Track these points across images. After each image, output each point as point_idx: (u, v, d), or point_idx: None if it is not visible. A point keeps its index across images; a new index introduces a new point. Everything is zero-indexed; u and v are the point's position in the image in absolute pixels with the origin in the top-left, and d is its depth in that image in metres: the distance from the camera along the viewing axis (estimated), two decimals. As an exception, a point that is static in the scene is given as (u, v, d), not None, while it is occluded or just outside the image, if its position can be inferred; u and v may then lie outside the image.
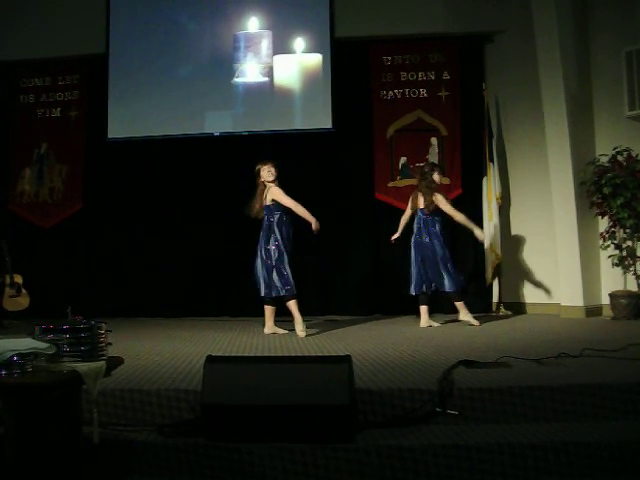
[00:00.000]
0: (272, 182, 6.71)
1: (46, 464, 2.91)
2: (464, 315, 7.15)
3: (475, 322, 7.05)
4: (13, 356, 2.84)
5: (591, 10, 7.96)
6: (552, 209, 7.89)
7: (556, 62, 7.73)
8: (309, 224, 6.73)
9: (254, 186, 8.48)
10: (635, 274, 7.55)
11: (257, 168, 6.78)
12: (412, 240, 7.13)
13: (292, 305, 6.60)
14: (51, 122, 9.11)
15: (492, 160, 8.26)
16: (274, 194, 6.66)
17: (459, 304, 7.16)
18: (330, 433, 3.42)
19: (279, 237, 6.60)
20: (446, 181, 8.19)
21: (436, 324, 7.08)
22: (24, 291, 7.97)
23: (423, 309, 7.09)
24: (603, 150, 7.71)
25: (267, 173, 6.73)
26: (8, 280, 7.90)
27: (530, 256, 8.35)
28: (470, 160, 8.48)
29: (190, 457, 3.42)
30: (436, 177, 7.10)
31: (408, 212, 7.24)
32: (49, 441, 2.94)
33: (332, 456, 3.35)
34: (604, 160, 7.64)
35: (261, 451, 3.38)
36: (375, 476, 3.33)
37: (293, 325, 6.62)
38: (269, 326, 6.75)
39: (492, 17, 8.47)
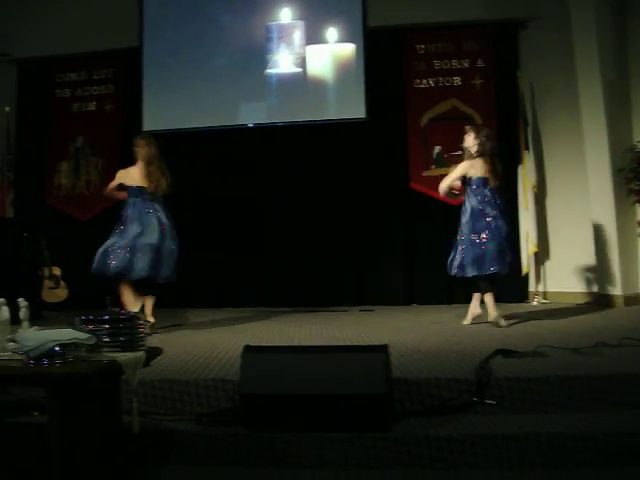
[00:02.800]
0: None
1: (88, 452, 2.96)
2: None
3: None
4: (55, 346, 2.88)
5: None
6: (589, 197, 7.80)
7: (593, 50, 7.62)
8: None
9: (290, 176, 8.59)
10: (674, 262, 7.46)
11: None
12: None
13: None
14: (87, 116, 9.21)
15: (527, 148, 8.19)
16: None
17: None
18: (367, 422, 3.43)
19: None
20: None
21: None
22: (63, 283, 8.08)
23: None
24: (641, 136, 7.61)
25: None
26: (47, 272, 8.02)
27: (567, 244, 8.25)
28: (505, 148, 8.39)
29: (228, 446, 3.45)
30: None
31: None
32: (90, 429, 2.99)
33: (369, 445, 3.36)
34: (643, 146, 7.54)
35: (299, 440, 3.39)
36: (412, 465, 3.33)
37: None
38: None
39: (526, 3, 8.37)
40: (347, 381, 3.45)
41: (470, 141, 6.35)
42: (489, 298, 6.15)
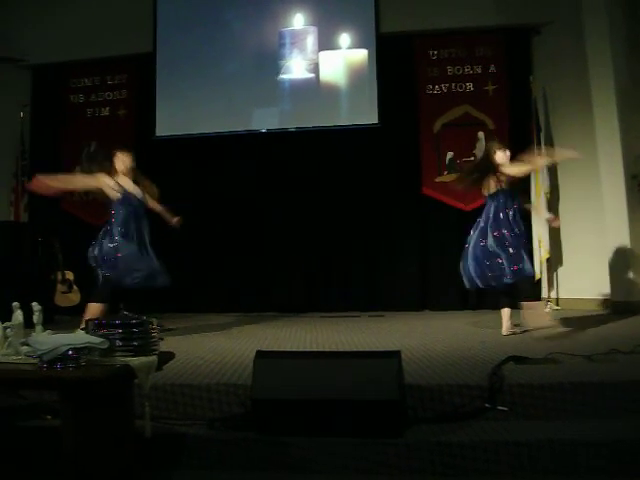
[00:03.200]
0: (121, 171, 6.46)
1: (101, 456, 2.97)
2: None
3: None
4: (68, 350, 2.89)
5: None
6: (602, 203, 7.76)
7: (606, 56, 7.62)
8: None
9: (302, 182, 8.60)
10: (689, 269, 7.41)
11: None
12: None
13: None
14: (100, 121, 9.26)
15: (540, 154, 8.17)
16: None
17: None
18: (379, 428, 3.43)
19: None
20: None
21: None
22: (75, 287, 8.12)
23: None
24: (655, 142, 7.57)
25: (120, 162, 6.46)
26: (60, 277, 8.06)
27: (580, 251, 8.21)
28: (518, 154, 8.36)
29: (240, 451, 3.46)
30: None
31: None
32: (103, 433, 3.00)
33: (381, 451, 3.36)
34: (656, 152, 7.50)
35: (311, 445, 3.40)
36: (424, 471, 3.32)
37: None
38: None
39: (539, 8, 8.34)
40: (359, 387, 3.45)
41: None
42: (503, 312, 6.04)
